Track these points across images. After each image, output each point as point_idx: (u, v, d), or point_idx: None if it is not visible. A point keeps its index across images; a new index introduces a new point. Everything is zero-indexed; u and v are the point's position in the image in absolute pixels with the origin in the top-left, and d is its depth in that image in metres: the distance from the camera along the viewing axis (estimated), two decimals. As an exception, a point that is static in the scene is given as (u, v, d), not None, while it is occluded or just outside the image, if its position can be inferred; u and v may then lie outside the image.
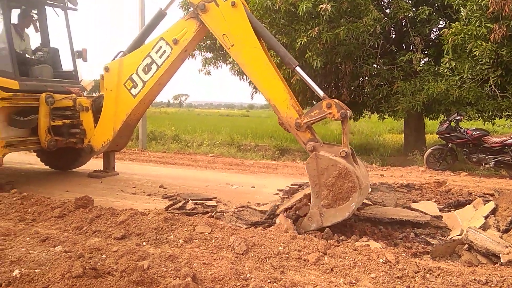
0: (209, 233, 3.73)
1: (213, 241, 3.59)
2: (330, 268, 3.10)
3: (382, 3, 11.53)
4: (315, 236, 3.83)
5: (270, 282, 2.86)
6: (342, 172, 3.93)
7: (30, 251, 3.28)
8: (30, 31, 6.94)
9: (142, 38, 5.60)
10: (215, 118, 37.59)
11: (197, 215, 4.59)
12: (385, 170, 8.75)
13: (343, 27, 8.87)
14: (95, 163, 7.60)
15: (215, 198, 5.69)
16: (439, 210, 5.07)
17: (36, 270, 2.80)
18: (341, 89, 11.30)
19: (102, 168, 7.19)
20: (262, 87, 4.60)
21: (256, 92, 14.37)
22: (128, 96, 5.50)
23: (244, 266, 3.10)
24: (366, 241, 3.91)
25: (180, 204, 5.06)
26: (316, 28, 8.75)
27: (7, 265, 2.99)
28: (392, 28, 11.76)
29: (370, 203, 5.23)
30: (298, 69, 4.54)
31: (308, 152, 4.22)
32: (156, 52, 5.24)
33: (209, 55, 13.94)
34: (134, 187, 6.28)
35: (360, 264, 3.13)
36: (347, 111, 4.16)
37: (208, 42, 12.76)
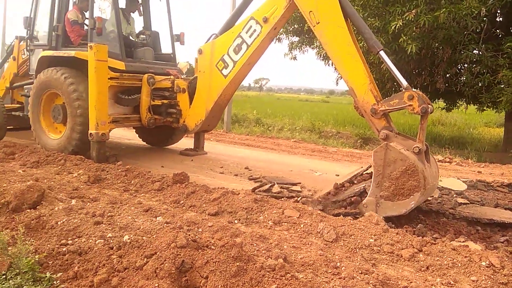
0: (298, 217, 3.78)
1: (302, 226, 3.63)
2: (426, 266, 2.97)
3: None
4: (406, 231, 3.71)
5: (361, 273, 2.82)
6: (409, 169, 3.81)
7: (135, 220, 3.59)
8: (134, 14, 7.48)
9: (233, 20, 5.76)
10: (295, 103, 37.47)
11: (283, 199, 4.68)
12: (483, 167, 8.06)
13: (443, 10, 8.20)
14: (185, 142, 8.05)
15: (300, 183, 5.72)
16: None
17: (143, 237, 3.08)
18: (435, 76, 10.55)
19: (192, 147, 7.60)
20: (342, 68, 4.54)
21: (341, 78, 14.03)
22: (219, 76, 5.72)
23: (334, 254, 3.10)
24: (463, 242, 3.68)
25: (267, 186, 5.18)
26: (413, 11, 8.21)
27: (117, 231, 3.31)
28: (499, 11, 10.62)
29: (467, 201, 4.88)
30: (382, 53, 4.40)
31: (380, 140, 4.13)
32: (246, 32, 5.38)
33: (296, 39, 13.83)
34: (222, 167, 6.54)
35: (459, 265, 2.96)
36: (429, 105, 3.97)
37: (295, 26, 12.66)
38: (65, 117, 6.22)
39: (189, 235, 3.10)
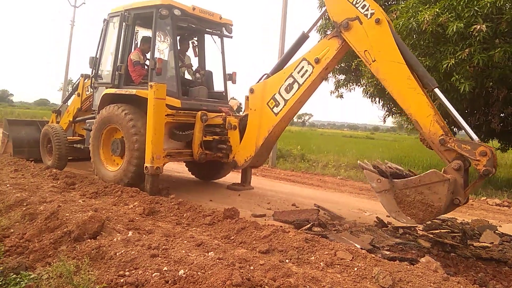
0: (351, 260, 3.69)
1: (355, 269, 3.54)
2: (492, 320, 2.79)
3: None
4: (466, 279, 3.51)
5: (421, 323, 2.70)
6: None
7: (189, 254, 3.66)
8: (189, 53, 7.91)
9: (285, 60, 5.93)
10: (339, 139, 37.11)
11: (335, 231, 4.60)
12: (546, 213, 7.52)
13: (498, 49, 8.02)
14: (232, 176, 8.18)
15: (345, 218, 5.66)
16: None
17: (198, 273, 3.14)
18: (490, 116, 10.17)
19: (239, 182, 7.71)
20: (404, 102, 4.51)
21: (388, 115, 13.84)
22: (270, 114, 5.85)
23: (390, 301, 2.99)
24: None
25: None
26: (466, 50, 8.07)
27: (172, 264, 3.39)
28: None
29: (533, 250, 4.56)
30: (437, 91, 4.40)
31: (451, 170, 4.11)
32: (298, 72, 5.53)
33: (342, 77, 13.94)
34: (269, 203, 6.56)
35: (530, 322, 2.75)
36: (493, 169, 3.95)
37: (342, 64, 12.79)
38: (123, 150, 6.56)
39: (243, 273, 3.12)
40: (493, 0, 7.64)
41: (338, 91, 14.26)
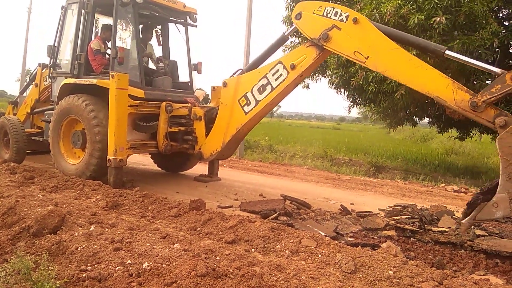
0: (315, 247, 3.76)
1: (319, 256, 3.61)
2: (448, 300, 2.93)
3: (501, 15, 10.57)
4: (425, 263, 3.67)
5: (382, 306, 2.80)
6: None
7: (153, 246, 3.62)
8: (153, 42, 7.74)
9: (262, 59, 5.83)
10: (306, 130, 37.58)
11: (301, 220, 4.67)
12: (499, 198, 7.94)
13: (457, 41, 8.32)
14: (199, 168, 8.12)
15: (311, 206, 5.77)
16: None
17: (162, 265, 3.10)
18: (449, 106, 10.57)
19: (206, 173, 7.66)
20: (416, 84, 4.25)
21: (353, 106, 14.11)
22: (240, 112, 5.75)
23: (353, 286, 3.07)
24: (483, 275, 3.62)
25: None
26: (427, 42, 8.34)
27: (136, 257, 3.34)
28: (511, 42, 10.71)
29: (486, 233, 4.81)
30: (448, 52, 4.20)
31: (498, 130, 3.76)
32: (273, 75, 5.41)
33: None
34: (236, 194, 6.56)
35: (482, 300, 2.91)
36: None
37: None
38: (84, 142, 6.36)
39: (208, 263, 3.11)
40: (452, -8, 7.91)
41: (305, 81, 14.37)
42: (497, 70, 3.90)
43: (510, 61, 10.11)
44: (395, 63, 4.38)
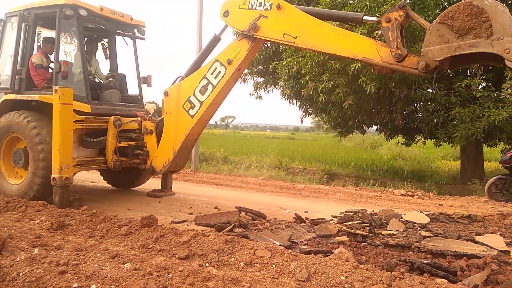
0: (269, 257, 3.77)
1: (274, 266, 3.62)
2: (396, 301, 3.03)
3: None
4: (375, 266, 3.79)
5: (334, 311, 2.85)
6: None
7: (102, 267, 3.47)
8: (99, 57, 7.51)
9: (199, 63, 5.89)
10: (261, 140, 37.94)
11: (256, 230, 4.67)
12: (443, 199, 8.40)
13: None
14: (153, 183, 7.93)
15: (266, 216, 5.79)
16: (506, 245, 4.80)
17: (111, 286, 2.98)
18: (394, 114, 11.12)
19: (159, 188, 7.49)
20: (343, 51, 4.45)
21: (305, 116, 14.45)
22: (186, 117, 5.77)
23: (306, 294, 3.11)
24: (429, 276, 3.78)
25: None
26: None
27: (83, 280, 3.18)
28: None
29: (431, 234, 5.05)
30: (366, 18, 4.43)
31: (421, 73, 3.97)
32: (212, 74, 5.52)
33: (260, 79, 14.26)
34: (191, 208, 6.46)
35: (427, 298, 3.04)
36: None
37: (260, 67, 13.09)
38: (27, 161, 6.02)
39: (160, 281, 3.03)
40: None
41: (257, 92, 14.57)
42: (373, 18, 4.32)
43: (448, 71, 10.80)
44: (321, 36, 4.59)
